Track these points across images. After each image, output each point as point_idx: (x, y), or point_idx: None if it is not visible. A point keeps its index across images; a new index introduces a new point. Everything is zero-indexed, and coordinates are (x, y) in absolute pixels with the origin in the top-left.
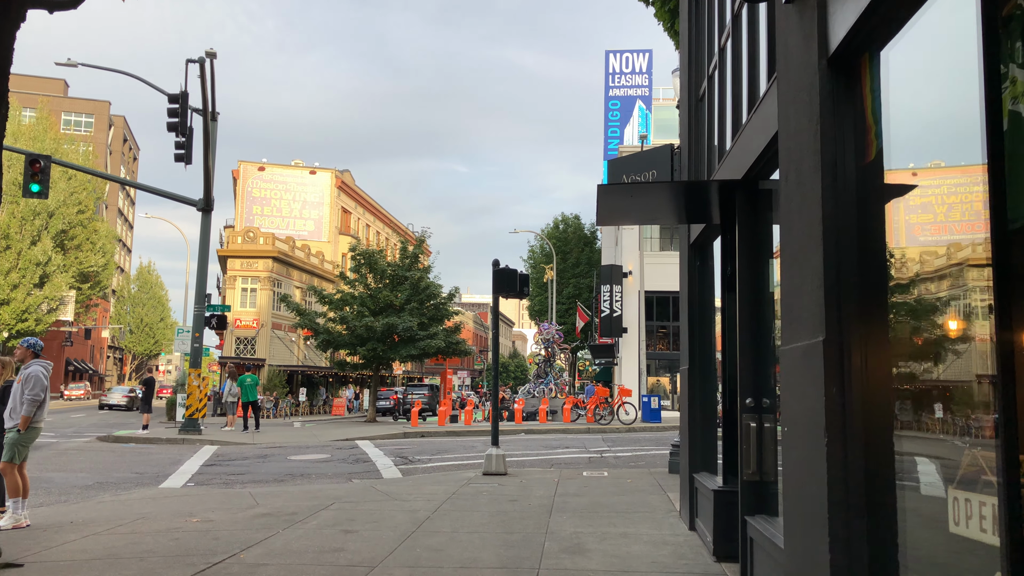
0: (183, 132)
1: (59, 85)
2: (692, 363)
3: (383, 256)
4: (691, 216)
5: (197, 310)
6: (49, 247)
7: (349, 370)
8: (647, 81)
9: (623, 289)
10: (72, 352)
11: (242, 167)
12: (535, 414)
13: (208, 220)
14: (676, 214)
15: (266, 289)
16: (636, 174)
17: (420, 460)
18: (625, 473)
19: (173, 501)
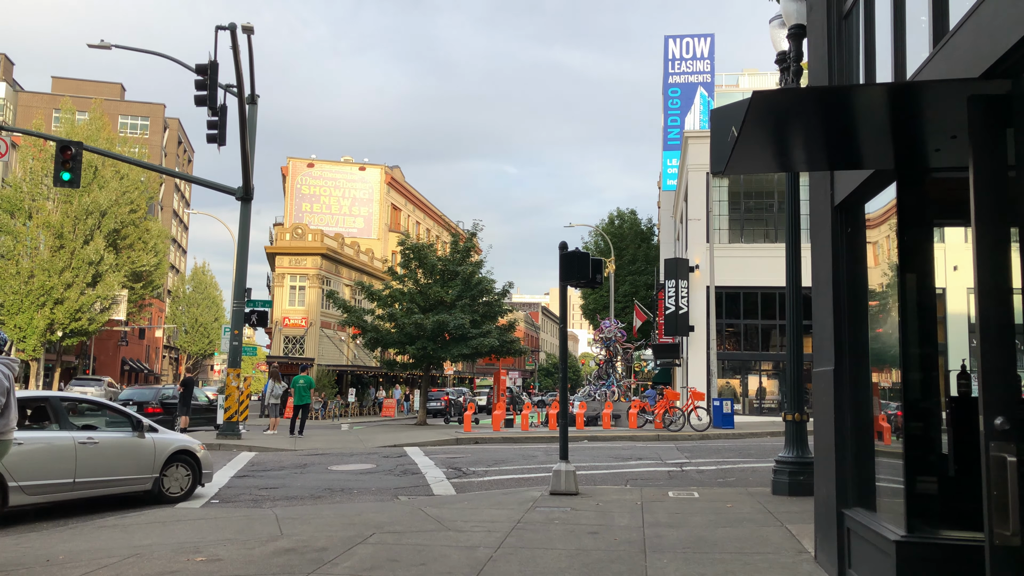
0: (212, 107)
1: (116, 89)
2: (839, 363)
3: (433, 250)
4: (853, 157)
5: (236, 306)
6: (102, 246)
7: (399, 370)
8: (709, 67)
9: (689, 284)
10: (127, 352)
11: (291, 163)
12: (597, 418)
13: (247, 210)
14: (828, 155)
15: (315, 287)
16: None
17: (475, 472)
18: (719, 494)
19: (184, 527)
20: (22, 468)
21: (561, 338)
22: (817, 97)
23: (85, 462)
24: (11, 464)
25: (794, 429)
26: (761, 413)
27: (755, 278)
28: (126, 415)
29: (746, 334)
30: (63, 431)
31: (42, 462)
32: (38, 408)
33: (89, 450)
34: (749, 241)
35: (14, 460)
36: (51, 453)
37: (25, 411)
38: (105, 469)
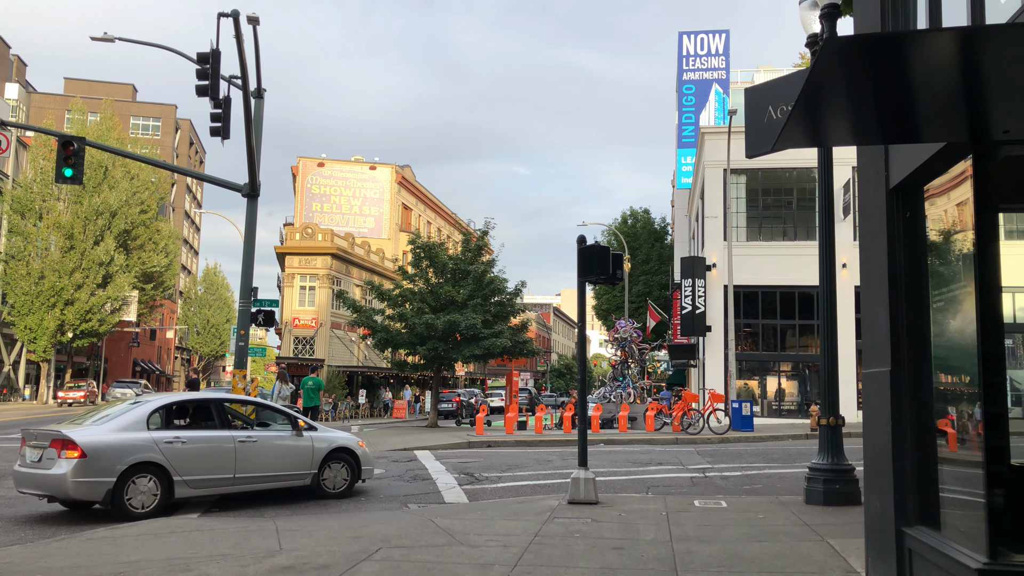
0: (214, 97)
1: (128, 90)
2: (897, 364)
3: (444, 249)
4: (928, 126)
5: (242, 305)
6: (112, 247)
7: (409, 371)
8: (724, 63)
9: (706, 283)
10: (139, 353)
11: (301, 163)
12: (613, 421)
13: (254, 207)
14: (882, 125)
15: (325, 287)
16: (788, 104)
17: (488, 478)
18: (748, 503)
19: (177, 539)
20: (185, 464)
21: (579, 338)
22: (919, 40)
23: (244, 459)
24: (175, 460)
25: (828, 434)
26: (780, 415)
27: (773, 277)
28: (287, 415)
29: (764, 334)
30: (223, 430)
31: (204, 459)
32: (201, 409)
33: (248, 448)
34: (767, 239)
35: (178, 457)
36: (212, 451)
37: (189, 411)
38: (263, 466)
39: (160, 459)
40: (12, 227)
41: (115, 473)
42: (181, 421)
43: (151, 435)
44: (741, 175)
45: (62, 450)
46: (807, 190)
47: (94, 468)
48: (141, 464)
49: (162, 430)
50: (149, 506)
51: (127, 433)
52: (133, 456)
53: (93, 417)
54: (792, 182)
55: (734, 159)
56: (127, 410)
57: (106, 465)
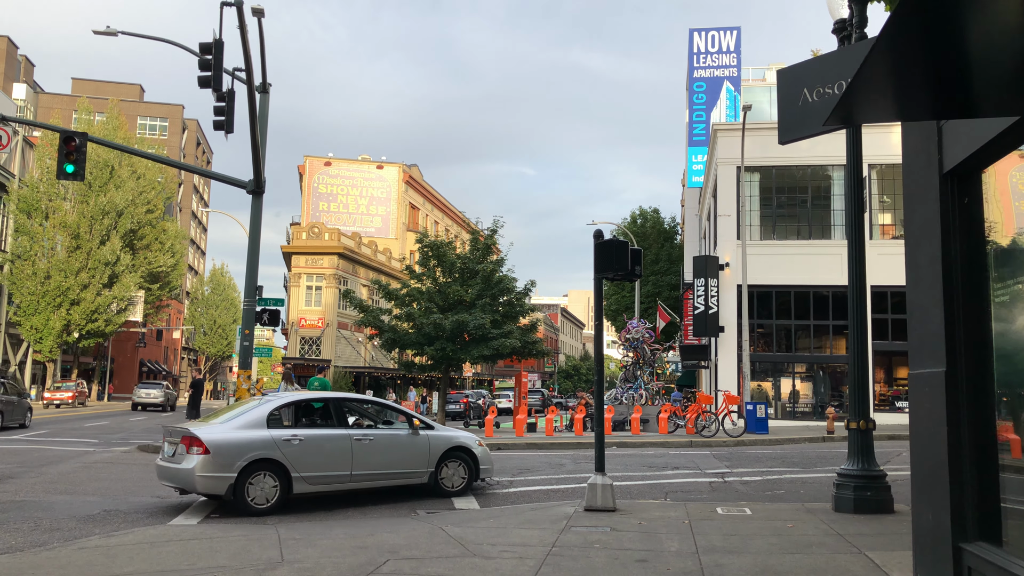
0: (217, 88)
1: (135, 90)
2: (954, 364)
3: (452, 248)
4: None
5: (247, 304)
6: (118, 246)
7: (417, 372)
8: (735, 61)
9: (719, 283)
10: (146, 353)
11: (308, 162)
12: (625, 423)
13: (259, 204)
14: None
15: (332, 287)
16: (824, 86)
17: (499, 483)
18: (773, 511)
19: (174, 550)
20: (302, 461)
21: (596, 336)
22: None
23: (360, 457)
24: (293, 457)
25: (859, 439)
26: (794, 417)
27: (787, 276)
28: (405, 414)
29: (778, 335)
30: (340, 429)
31: (320, 456)
32: (319, 408)
33: (364, 446)
34: (782, 238)
35: (296, 454)
36: (329, 448)
37: (307, 410)
38: (379, 464)
39: (278, 456)
40: (18, 227)
41: (236, 469)
42: (300, 420)
43: (270, 433)
44: (755, 173)
45: (190, 446)
46: (822, 188)
47: (217, 464)
48: (260, 461)
49: (281, 428)
50: (269, 501)
51: (248, 431)
52: (252, 453)
53: (221, 416)
54: (807, 180)
55: (748, 156)
56: (250, 409)
57: (228, 461)
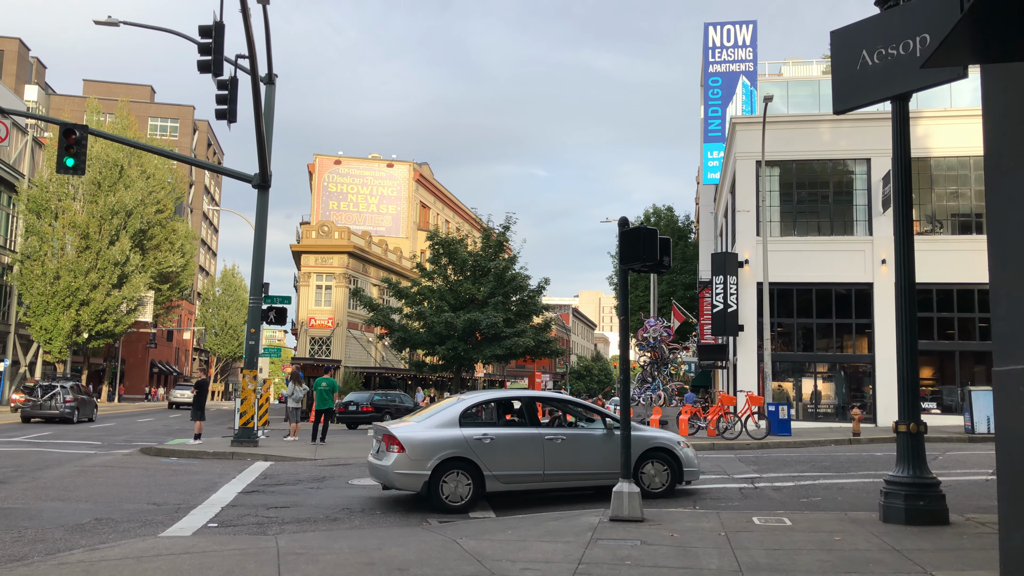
0: (217, 72)
1: (146, 91)
2: None
3: (464, 246)
4: None
5: (253, 302)
6: (127, 247)
7: (428, 372)
8: (751, 55)
9: (738, 281)
10: (156, 354)
11: (318, 160)
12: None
13: (265, 198)
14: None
15: (341, 286)
16: (888, 47)
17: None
18: (815, 521)
19: (160, 566)
20: (494, 460)
21: (622, 332)
22: None
23: (553, 456)
24: (485, 456)
25: (909, 443)
26: (816, 419)
27: (809, 273)
28: (600, 414)
29: (799, 333)
30: (532, 428)
31: (512, 455)
32: (511, 407)
33: (556, 445)
34: (802, 234)
35: (488, 453)
36: (521, 447)
37: (500, 409)
38: (572, 464)
39: (471, 455)
40: (28, 227)
41: (429, 467)
42: (492, 419)
43: (462, 432)
44: (774, 167)
45: (390, 445)
46: (843, 183)
47: (412, 462)
48: (453, 459)
49: (473, 427)
50: (463, 499)
51: (441, 430)
52: (445, 451)
53: (418, 415)
54: (828, 175)
55: (767, 150)
56: (444, 408)
57: (422, 459)
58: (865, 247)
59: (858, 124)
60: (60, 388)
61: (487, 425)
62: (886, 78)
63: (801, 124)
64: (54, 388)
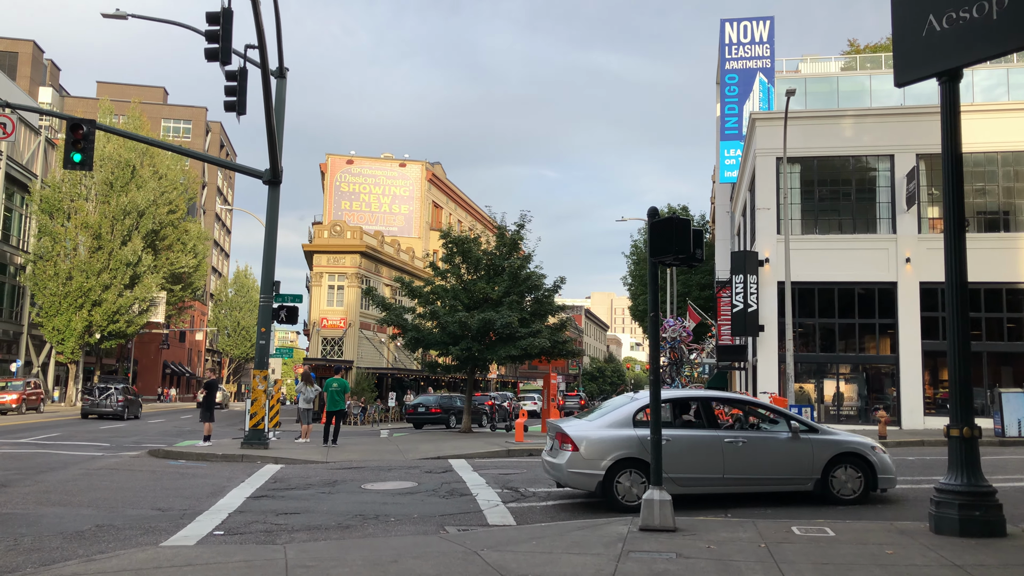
0: (225, 60)
1: (159, 93)
2: None
3: (478, 244)
4: None
5: (263, 300)
6: (139, 247)
7: (441, 373)
8: (768, 51)
9: (759, 280)
10: (169, 355)
11: (330, 160)
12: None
13: (275, 195)
14: None
15: (354, 286)
16: (959, 9)
17: (535, 494)
18: (859, 531)
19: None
20: (670, 462)
21: (652, 330)
22: None
23: (732, 460)
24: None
25: (962, 448)
26: (839, 421)
27: (830, 272)
28: (784, 416)
29: (821, 334)
30: (709, 430)
31: (689, 458)
32: (688, 408)
33: (736, 448)
34: (824, 232)
35: (665, 456)
36: (697, 449)
37: (676, 410)
38: (753, 467)
39: (645, 456)
40: (41, 227)
41: (603, 467)
42: (667, 419)
43: (636, 432)
44: (795, 164)
45: (562, 443)
46: (866, 180)
47: (586, 461)
48: (627, 460)
49: (647, 428)
50: (635, 502)
51: (615, 430)
52: (619, 452)
53: (592, 414)
54: (850, 172)
55: (788, 146)
56: (617, 407)
57: (595, 459)
58: (888, 245)
59: (881, 120)
60: (114, 389)
61: (663, 426)
62: (957, 45)
63: (822, 120)
64: (109, 389)
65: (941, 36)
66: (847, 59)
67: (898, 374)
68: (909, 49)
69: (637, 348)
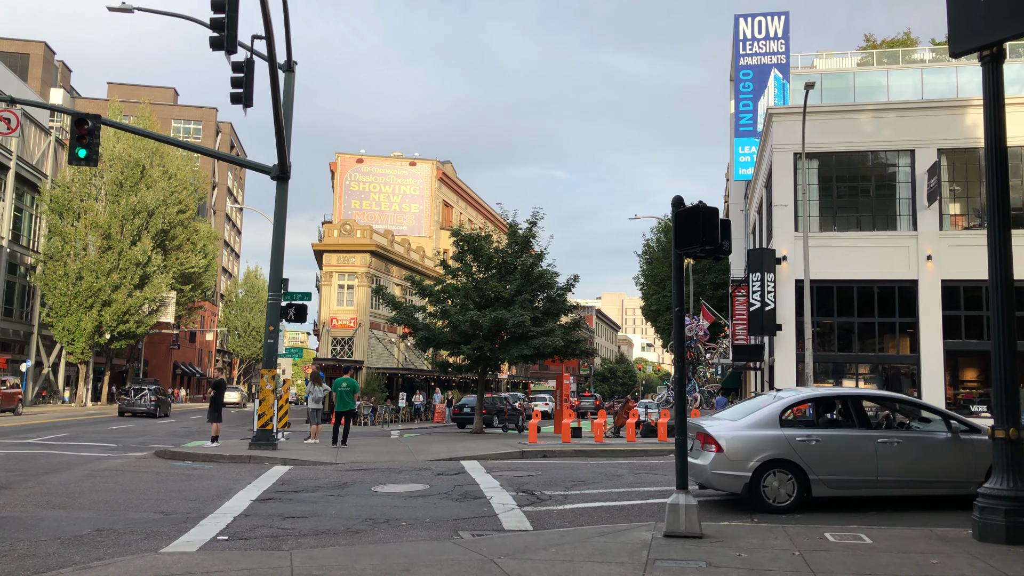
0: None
1: (169, 93)
2: None
3: (489, 242)
4: None
5: (272, 298)
6: (149, 247)
7: (452, 373)
8: (783, 47)
9: (776, 278)
10: (179, 355)
11: (340, 159)
12: None
13: (284, 190)
14: None
15: (364, 286)
16: None
17: (551, 497)
18: (897, 538)
19: None
20: (820, 463)
21: (677, 327)
22: None
23: (887, 461)
24: (809, 458)
25: (1008, 451)
26: None
27: (850, 270)
28: (942, 415)
29: (839, 333)
30: (861, 429)
31: (840, 458)
32: (836, 406)
33: (891, 449)
34: (842, 229)
35: (812, 455)
36: (849, 450)
37: (824, 408)
38: (910, 469)
39: (794, 457)
40: (51, 227)
41: (750, 469)
42: (816, 418)
43: (783, 432)
44: (813, 160)
45: (704, 443)
46: (886, 175)
47: (730, 462)
48: (774, 461)
49: (795, 428)
50: (788, 500)
51: (760, 430)
52: (766, 453)
53: (731, 412)
54: (869, 167)
55: (806, 142)
56: (761, 406)
57: (741, 460)
58: (909, 242)
59: (902, 114)
60: (147, 390)
61: (809, 426)
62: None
63: (841, 114)
64: (143, 390)
65: (989, 6)
66: (863, 54)
67: (919, 374)
68: (964, 14)
69: (648, 349)
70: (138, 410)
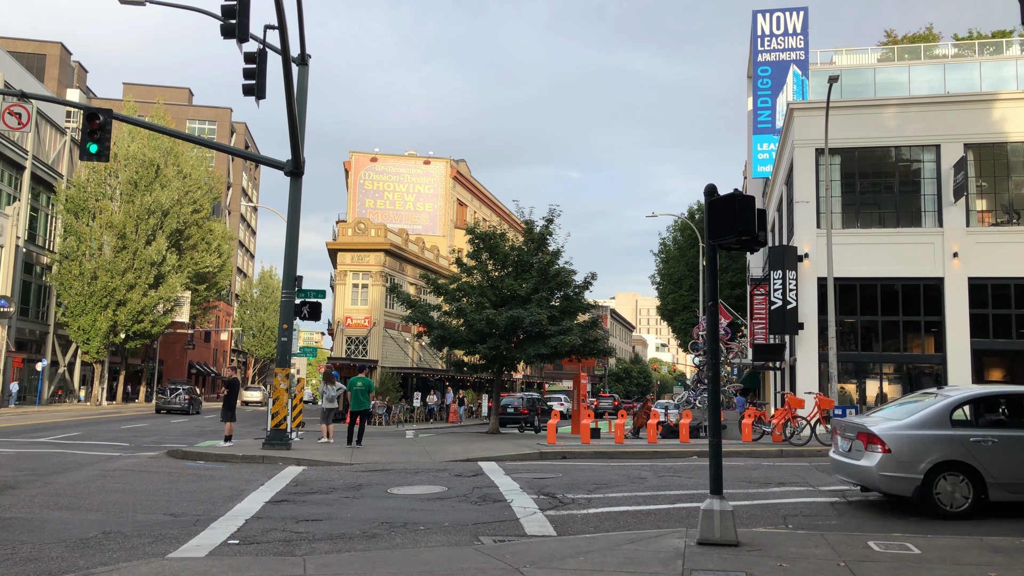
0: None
1: (184, 94)
2: None
3: (504, 240)
4: None
5: (285, 296)
6: (164, 246)
7: (468, 372)
8: (802, 43)
9: (798, 276)
10: (194, 355)
11: (354, 158)
12: (701, 429)
13: (297, 186)
14: None
15: (378, 285)
16: None
17: (574, 501)
18: (946, 548)
19: None
20: (999, 465)
21: (710, 322)
22: None
23: None
24: (985, 460)
25: None
26: None
27: (873, 268)
28: None
29: (862, 332)
30: None
31: (1020, 460)
32: (1014, 404)
33: None
34: (866, 226)
35: (988, 457)
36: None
37: (998, 407)
38: None
39: (968, 459)
40: (66, 227)
41: (921, 471)
42: (989, 417)
43: (955, 432)
44: (835, 155)
45: (868, 444)
46: (910, 171)
47: (899, 464)
48: (947, 463)
49: (967, 427)
50: (962, 506)
51: (929, 430)
52: (937, 454)
53: (885, 411)
54: (893, 163)
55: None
56: (928, 405)
57: (911, 462)
58: (934, 239)
59: (926, 109)
60: (181, 389)
61: (983, 425)
62: None
63: (864, 109)
64: (177, 389)
65: None
66: (884, 50)
67: (945, 374)
68: None
69: (663, 349)
70: (173, 407)
